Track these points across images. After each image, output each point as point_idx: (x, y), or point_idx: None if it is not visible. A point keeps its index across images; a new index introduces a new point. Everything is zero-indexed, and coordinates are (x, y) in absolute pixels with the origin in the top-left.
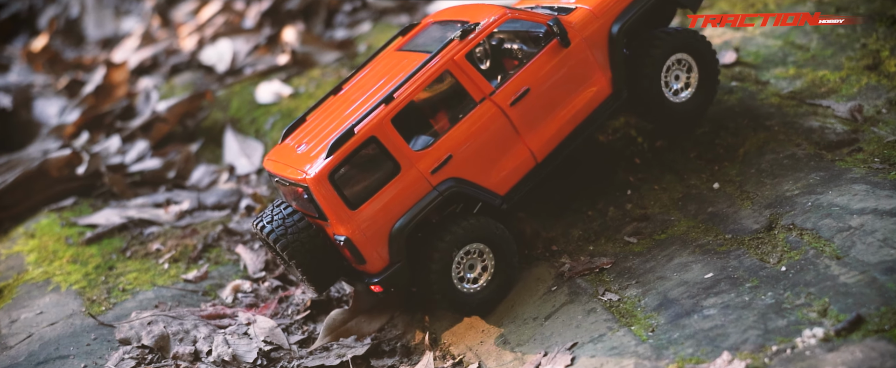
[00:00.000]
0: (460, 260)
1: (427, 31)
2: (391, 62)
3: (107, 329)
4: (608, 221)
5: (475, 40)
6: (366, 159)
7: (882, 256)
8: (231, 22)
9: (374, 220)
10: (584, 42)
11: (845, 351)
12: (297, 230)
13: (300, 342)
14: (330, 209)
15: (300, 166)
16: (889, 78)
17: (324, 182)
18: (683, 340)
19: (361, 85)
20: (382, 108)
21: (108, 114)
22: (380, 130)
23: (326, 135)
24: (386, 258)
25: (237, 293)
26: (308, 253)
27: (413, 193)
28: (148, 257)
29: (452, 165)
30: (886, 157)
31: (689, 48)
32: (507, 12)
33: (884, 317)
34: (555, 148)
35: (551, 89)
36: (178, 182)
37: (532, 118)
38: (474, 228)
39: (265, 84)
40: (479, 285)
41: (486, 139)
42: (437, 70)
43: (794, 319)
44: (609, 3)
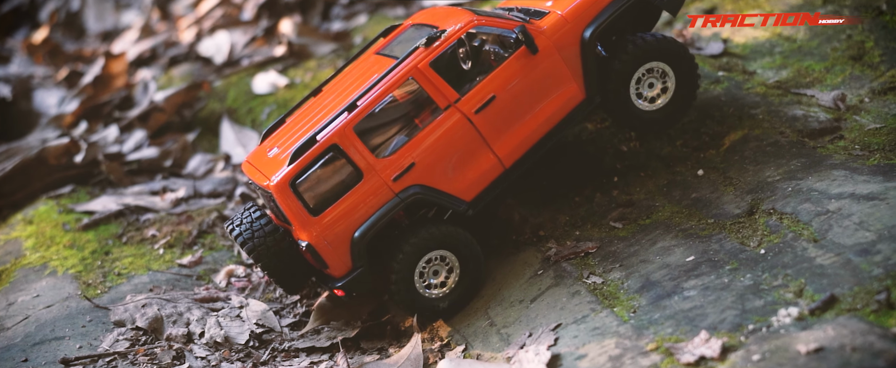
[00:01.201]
0: (424, 266)
1: (405, 35)
2: (366, 66)
3: (102, 311)
4: (595, 206)
5: (440, 48)
6: (330, 165)
7: (857, 238)
8: (229, 14)
9: (335, 226)
10: (553, 48)
11: (818, 329)
12: (264, 235)
13: (292, 324)
14: (292, 215)
15: (267, 171)
16: (872, 68)
17: (285, 189)
18: (664, 320)
19: (336, 88)
20: (345, 116)
21: (106, 104)
22: (341, 138)
23: (295, 140)
24: (348, 263)
25: (230, 278)
26: (274, 257)
27: (375, 200)
28: (143, 242)
29: (415, 172)
30: (866, 144)
31: (664, 57)
32: (474, 20)
33: (856, 297)
34: (524, 154)
35: (518, 96)
36: (174, 171)
37: (499, 125)
38: (437, 236)
39: (262, 75)
40: (444, 290)
41: (450, 146)
42: (400, 78)
43: (770, 299)
44: (581, 8)
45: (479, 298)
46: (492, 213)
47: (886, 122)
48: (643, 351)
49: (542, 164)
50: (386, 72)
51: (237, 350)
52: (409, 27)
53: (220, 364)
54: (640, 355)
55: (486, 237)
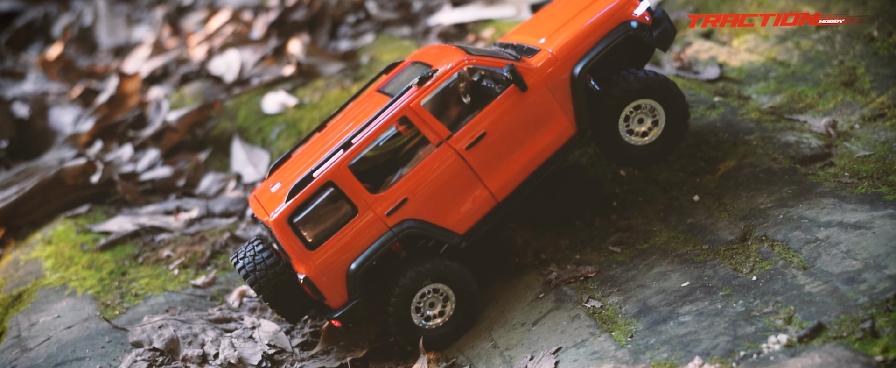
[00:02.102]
0: (421, 299)
1: (404, 73)
2: (366, 104)
3: (120, 332)
4: (594, 231)
5: (431, 88)
6: (326, 200)
7: (844, 267)
8: (239, 32)
9: (332, 260)
10: (543, 85)
11: (806, 357)
12: (266, 268)
13: (302, 344)
14: (290, 250)
15: (268, 207)
16: (863, 94)
17: (283, 225)
18: (659, 345)
19: (338, 125)
20: (340, 153)
21: (120, 123)
22: (337, 176)
23: (295, 177)
24: (344, 295)
25: (243, 298)
26: (275, 289)
27: (370, 234)
28: (159, 263)
29: (408, 206)
30: (855, 171)
31: (652, 95)
32: (465, 60)
33: (842, 325)
34: (516, 187)
35: (509, 132)
36: (187, 190)
37: (490, 160)
38: (431, 270)
39: (271, 95)
40: (440, 322)
41: (443, 181)
42: (394, 117)
43: (761, 326)
44: (571, 45)
45: (483, 320)
46: (494, 236)
47: (875, 149)
48: None
49: (543, 189)
50: (380, 110)
51: None
52: (409, 65)
53: None
54: None
55: (489, 260)
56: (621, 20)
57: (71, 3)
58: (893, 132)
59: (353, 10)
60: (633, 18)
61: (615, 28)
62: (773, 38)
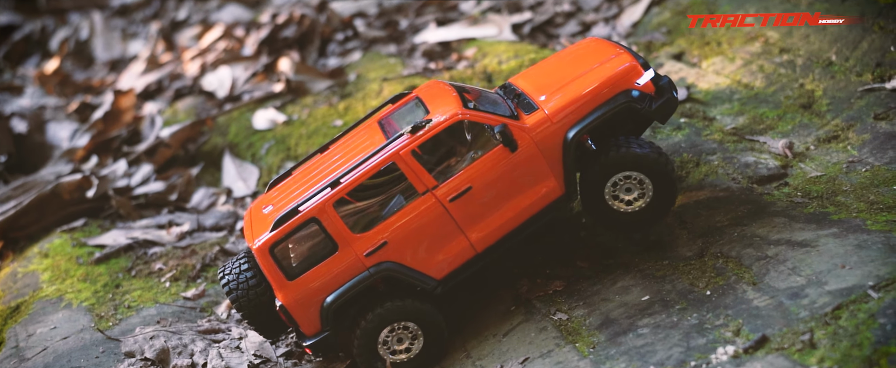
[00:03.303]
0: (388, 335)
1: (406, 108)
2: (365, 136)
3: (114, 342)
4: (564, 246)
5: (422, 138)
6: (309, 234)
7: (789, 283)
8: (231, 49)
9: (308, 291)
10: (535, 147)
11: (749, 367)
12: (248, 288)
13: (286, 353)
14: (271, 277)
15: (255, 230)
16: (820, 117)
17: (264, 253)
18: (619, 356)
19: (337, 152)
20: (328, 192)
21: (115, 139)
22: (321, 213)
23: (287, 203)
24: (317, 325)
25: (231, 310)
26: (255, 308)
27: (347, 271)
28: (151, 276)
29: (388, 249)
30: (807, 191)
31: (644, 169)
32: (459, 114)
33: (784, 337)
34: (497, 241)
35: (495, 188)
36: (179, 204)
37: (473, 213)
38: (401, 308)
39: (261, 111)
40: (405, 357)
41: (423, 229)
42: (383, 162)
43: (712, 338)
44: (568, 109)
45: (458, 331)
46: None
47: (827, 170)
48: None
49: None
50: (371, 154)
51: None
52: (413, 100)
53: None
54: None
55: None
56: (623, 88)
57: (68, 17)
58: (845, 154)
59: (341, 28)
60: (635, 88)
61: (615, 96)
62: (739, 60)
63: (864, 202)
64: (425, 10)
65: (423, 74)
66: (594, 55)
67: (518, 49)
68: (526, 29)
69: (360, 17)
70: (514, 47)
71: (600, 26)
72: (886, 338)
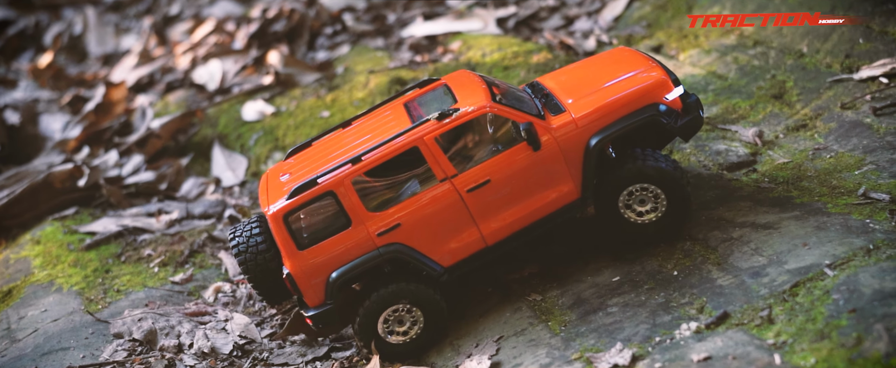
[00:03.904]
0: (390, 315)
1: (434, 93)
2: (390, 116)
3: (103, 324)
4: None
5: (448, 126)
6: (324, 207)
7: (752, 262)
8: (222, 43)
9: (316, 263)
10: (557, 148)
11: (710, 341)
12: (257, 252)
13: (270, 335)
14: (281, 244)
15: (271, 196)
16: (790, 106)
17: (278, 220)
18: (588, 333)
19: (360, 129)
20: (348, 167)
21: (107, 130)
22: (339, 187)
23: (305, 173)
24: (322, 297)
25: (218, 294)
26: (262, 272)
27: (357, 248)
28: (140, 261)
29: (400, 231)
30: (774, 177)
31: (658, 181)
32: (487, 106)
33: (745, 313)
34: (508, 236)
35: (513, 184)
36: (169, 193)
37: (488, 206)
38: (404, 291)
39: (250, 103)
40: (403, 339)
41: (438, 215)
42: (406, 145)
43: (677, 315)
44: (593, 116)
45: None
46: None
47: (794, 157)
48: (568, 360)
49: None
50: (396, 134)
51: (222, 359)
52: (441, 86)
53: None
54: (565, 363)
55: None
56: (650, 101)
57: (61, 12)
58: (812, 142)
59: (330, 22)
60: (664, 102)
61: (642, 108)
62: (714, 53)
63: (826, 187)
64: (413, 5)
65: (408, 66)
66: (626, 64)
67: (502, 42)
68: (510, 23)
69: (348, 11)
70: (498, 41)
71: (583, 20)
72: (838, 312)
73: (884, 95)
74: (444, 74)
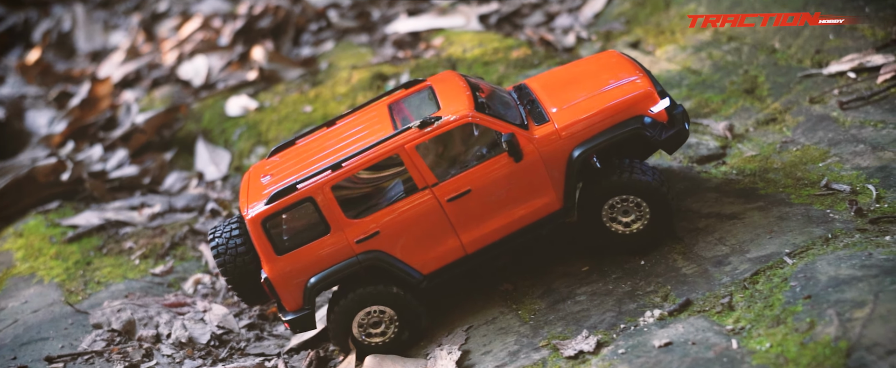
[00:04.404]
0: (364, 317)
1: (418, 96)
2: (373, 119)
3: (82, 315)
4: None
5: (429, 135)
6: (303, 212)
7: (715, 252)
8: (208, 39)
9: (294, 268)
10: (540, 159)
11: (672, 328)
12: (236, 254)
13: (248, 325)
14: (259, 248)
15: (250, 198)
16: (761, 100)
17: (256, 225)
18: (556, 321)
19: (344, 130)
20: (328, 173)
21: (92, 125)
22: (318, 194)
23: (286, 176)
24: (299, 302)
25: (198, 285)
26: (240, 275)
27: (335, 255)
28: (121, 254)
29: (379, 239)
30: (741, 169)
31: (642, 193)
32: (469, 116)
33: (707, 300)
34: (488, 245)
35: (494, 194)
36: (152, 187)
37: (469, 216)
38: (381, 293)
39: (234, 98)
40: (379, 341)
41: (417, 224)
42: (386, 153)
43: (642, 303)
44: (577, 127)
45: None
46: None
47: (762, 150)
48: (536, 347)
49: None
50: (376, 142)
51: (199, 349)
52: (426, 89)
53: (184, 361)
54: (533, 350)
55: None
56: (635, 113)
57: (51, 9)
58: (780, 135)
59: (315, 18)
60: (649, 115)
61: (626, 120)
62: (689, 48)
63: (791, 179)
64: (397, 1)
65: (391, 62)
66: (614, 72)
67: (483, 38)
68: (492, 19)
69: (333, 7)
70: (479, 37)
71: (564, 17)
72: (795, 299)
73: (851, 89)
74: (426, 70)
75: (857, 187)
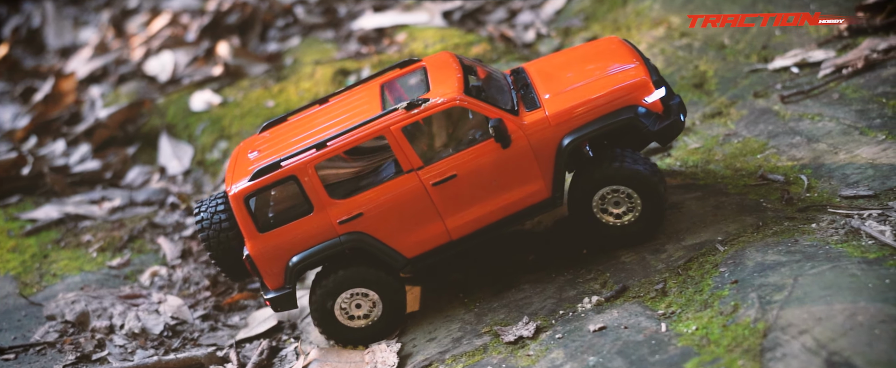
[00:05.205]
0: (347, 299)
1: (412, 76)
2: (364, 98)
3: (36, 307)
4: None
5: (416, 117)
6: (286, 190)
7: (653, 240)
8: (176, 35)
9: (276, 246)
10: (528, 146)
11: (607, 313)
12: (220, 230)
13: (203, 316)
14: (242, 225)
15: (235, 174)
16: (708, 95)
17: (239, 201)
18: (500, 308)
19: (335, 108)
20: (312, 152)
21: (56, 120)
22: (301, 173)
23: (273, 152)
24: (281, 281)
25: (154, 278)
26: (223, 251)
27: (318, 235)
28: (79, 247)
29: (362, 221)
30: (685, 161)
31: (634, 184)
32: (458, 100)
33: (642, 287)
34: (473, 232)
35: (480, 180)
36: (114, 182)
37: (454, 201)
38: (363, 275)
39: (199, 93)
40: (363, 324)
41: (401, 207)
42: (372, 133)
43: (582, 290)
44: (568, 114)
45: None
46: None
47: (705, 142)
48: (479, 333)
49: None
50: (362, 122)
51: (152, 339)
52: (420, 69)
53: (136, 351)
54: (476, 336)
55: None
56: (629, 103)
57: (21, 5)
58: (724, 128)
59: (282, 14)
60: (643, 104)
61: (619, 109)
62: (643, 44)
63: (730, 170)
64: None
65: (354, 58)
66: (611, 59)
67: (445, 34)
68: (456, 16)
69: (300, 4)
70: (441, 32)
71: (526, 13)
72: (723, 284)
73: (793, 83)
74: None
75: (790, 177)
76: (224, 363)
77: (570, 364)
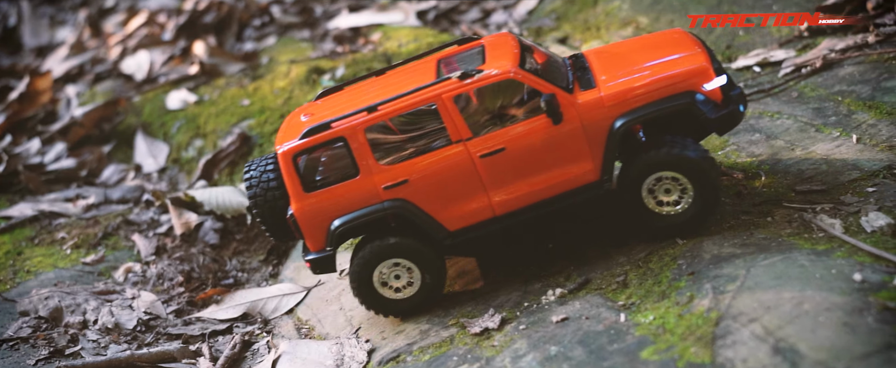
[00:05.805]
0: (386, 269)
1: (469, 52)
2: (420, 71)
3: (10, 303)
4: None
5: (468, 87)
6: (335, 152)
7: (616, 235)
8: (152, 34)
9: (320, 207)
10: (580, 124)
11: (570, 305)
12: (267, 189)
13: (176, 311)
14: (289, 183)
15: (286, 134)
16: None
17: (287, 159)
18: (467, 301)
19: (391, 78)
20: (363, 115)
21: (31, 119)
22: (351, 134)
23: (323, 116)
24: (322, 243)
25: (128, 274)
26: (269, 210)
27: (361, 199)
28: (54, 244)
29: (407, 188)
30: None
31: (687, 171)
32: (511, 72)
33: (604, 279)
34: (518, 209)
35: (528, 156)
36: (89, 180)
37: (500, 175)
38: (404, 247)
39: (175, 92)
40: (403, 294)
41: (447, 177)
42: (423, 100)
43: (547, 283)
44: (622, 96)
45: (334, 287)
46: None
47: None
48: (446, 325)
49: None
50: (415, 89)
51: (125, 334)
52: (478, 46)
53: (109, 346)
54: (443, 328)
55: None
56: (688, 88)
57: None
58: None
59: (258, 14)
60: (701, 91)
61: (677, 94)
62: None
63: None
64: None
65: (329, 57)
66: (672, 46)
67: (418, 33)
68: (430, 15)
69: (276, 3)
70: (415, 32)
71: (500, 13)
72: (680, 275)
73: (755, 82)
74: (362, 64)
75: (749, 173)
76: (197, 356)
77: (532, 354)
